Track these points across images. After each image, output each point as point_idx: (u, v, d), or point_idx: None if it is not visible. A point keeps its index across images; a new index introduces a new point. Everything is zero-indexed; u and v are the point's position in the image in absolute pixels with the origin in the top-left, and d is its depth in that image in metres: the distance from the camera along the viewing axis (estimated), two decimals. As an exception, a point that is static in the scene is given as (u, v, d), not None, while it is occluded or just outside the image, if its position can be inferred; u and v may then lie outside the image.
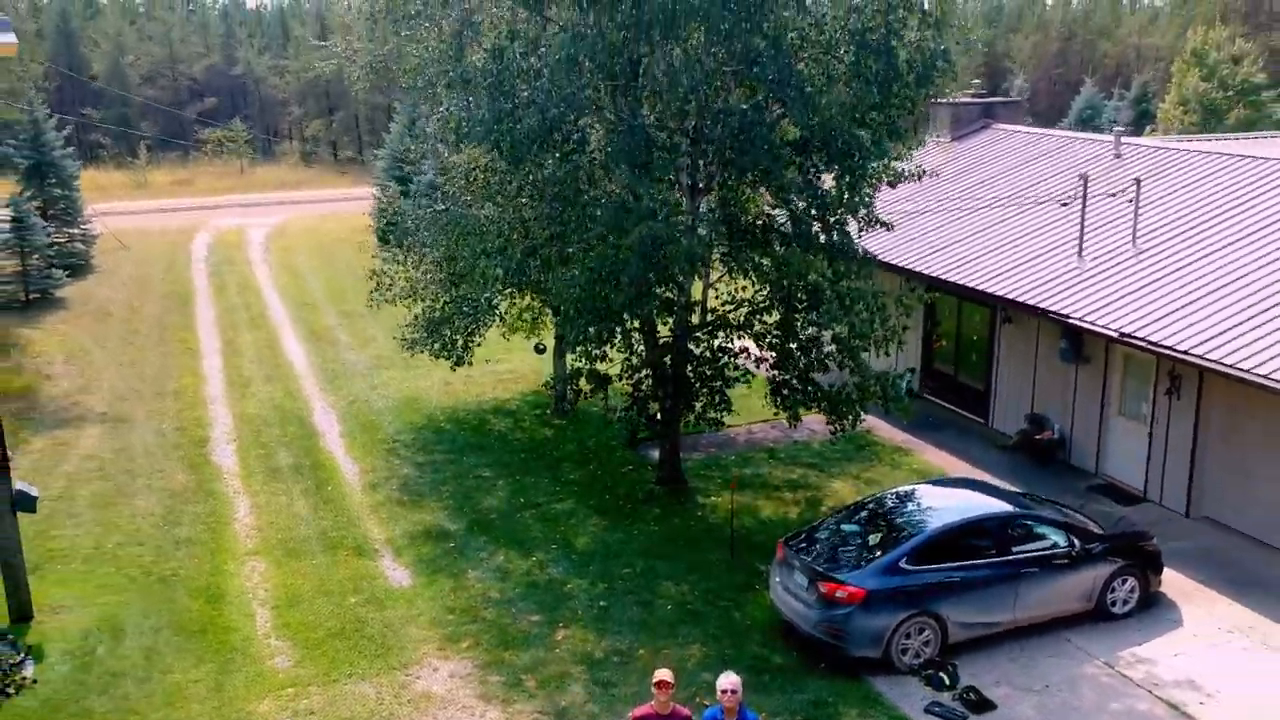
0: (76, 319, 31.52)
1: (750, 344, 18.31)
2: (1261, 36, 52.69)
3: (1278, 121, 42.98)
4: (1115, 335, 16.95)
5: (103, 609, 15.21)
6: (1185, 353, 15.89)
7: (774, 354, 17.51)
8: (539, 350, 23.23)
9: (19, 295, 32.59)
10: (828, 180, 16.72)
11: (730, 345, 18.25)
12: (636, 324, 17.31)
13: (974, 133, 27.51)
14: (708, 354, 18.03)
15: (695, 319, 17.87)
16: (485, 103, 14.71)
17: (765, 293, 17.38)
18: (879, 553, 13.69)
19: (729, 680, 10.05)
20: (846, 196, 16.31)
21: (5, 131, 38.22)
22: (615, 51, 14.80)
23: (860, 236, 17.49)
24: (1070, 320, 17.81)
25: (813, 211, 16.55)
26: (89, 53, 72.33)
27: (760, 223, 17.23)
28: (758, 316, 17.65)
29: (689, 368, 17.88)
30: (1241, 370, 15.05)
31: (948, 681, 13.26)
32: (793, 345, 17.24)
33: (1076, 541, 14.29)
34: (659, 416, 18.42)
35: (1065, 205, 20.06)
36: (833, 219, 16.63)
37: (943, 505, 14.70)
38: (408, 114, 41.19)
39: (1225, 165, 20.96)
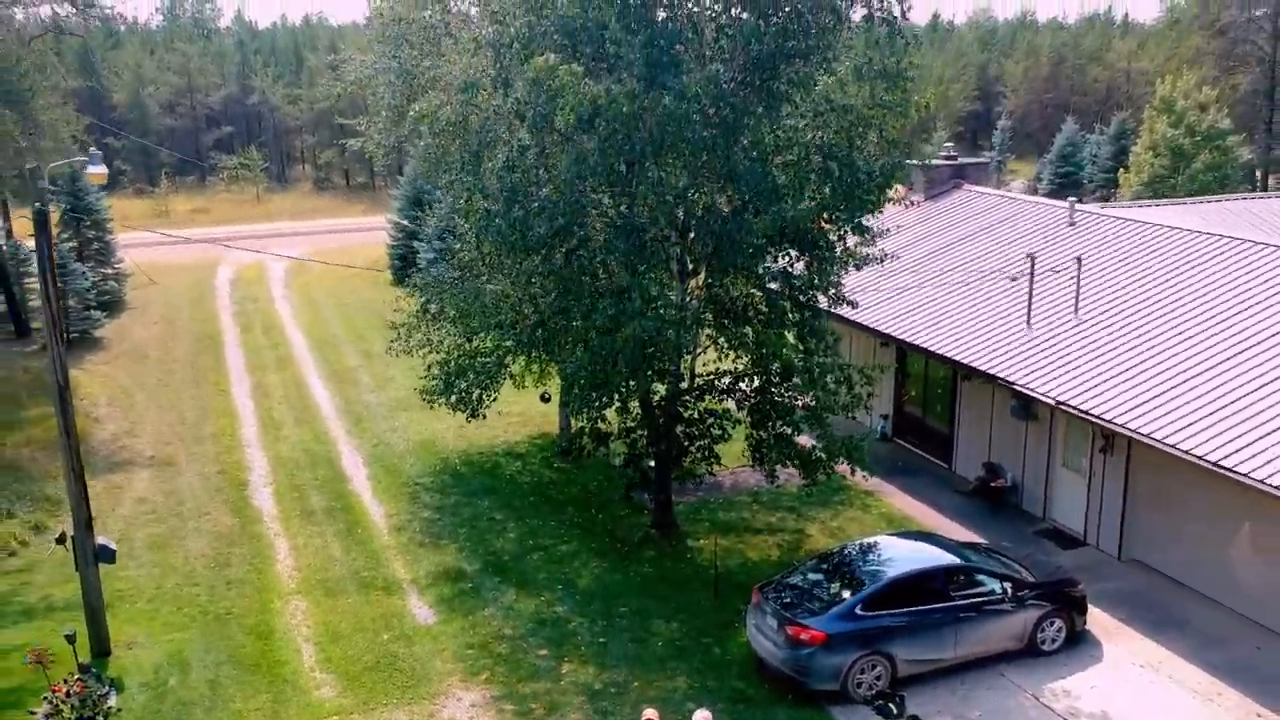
0: (115, 359, 33.96)
1: (731, 405, 20.64)
2: (1233, 78, 55.02)
3: (1244, 165, 45.34)
4: (1054, 403, 19.26)
5: (169, 645, 17.55)
6: (1111, 421, 18.19)
7: (752, 417, 19.82)
8: (544, 399, 25.46)
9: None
10: (799, 265, 19.06)
11: (716, 408, 20.55)
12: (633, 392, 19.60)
13: (946, 193, 29.85)
14: (695, 415, 20.36)
15: (684, 384, 20.16)
16: (501, 211, 17.05)
17: (745, 360, 19.68)
18: (838, 600, 16.02)
19: (702, 716, 12.34)
20: (816, 280, 18.70)
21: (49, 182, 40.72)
22: (612, 161, 17.18)
23: (830, 309, 19.84)
24: (1016, 386, 20.12)
25: (786, 293, 18.87)
26: (110, 82, 74.92)
27: (743, 302, 19.55)
28: (739, 384, 19.96)
29: (679, 428, 20.21)
30: (1156, 440, 17.35)
31: (895, 711, 15.53)
32: (769, 409, 19.54)
33: (1010, 589, 16.60)
34: (653, 466, 20.72)
35: (1014, 280, 22.37)
36: (804, 299, 18.95)
37: (896, 556, 17.02)
38: (413, 182, 43.46)
39: (1162, 237, 23.26)
